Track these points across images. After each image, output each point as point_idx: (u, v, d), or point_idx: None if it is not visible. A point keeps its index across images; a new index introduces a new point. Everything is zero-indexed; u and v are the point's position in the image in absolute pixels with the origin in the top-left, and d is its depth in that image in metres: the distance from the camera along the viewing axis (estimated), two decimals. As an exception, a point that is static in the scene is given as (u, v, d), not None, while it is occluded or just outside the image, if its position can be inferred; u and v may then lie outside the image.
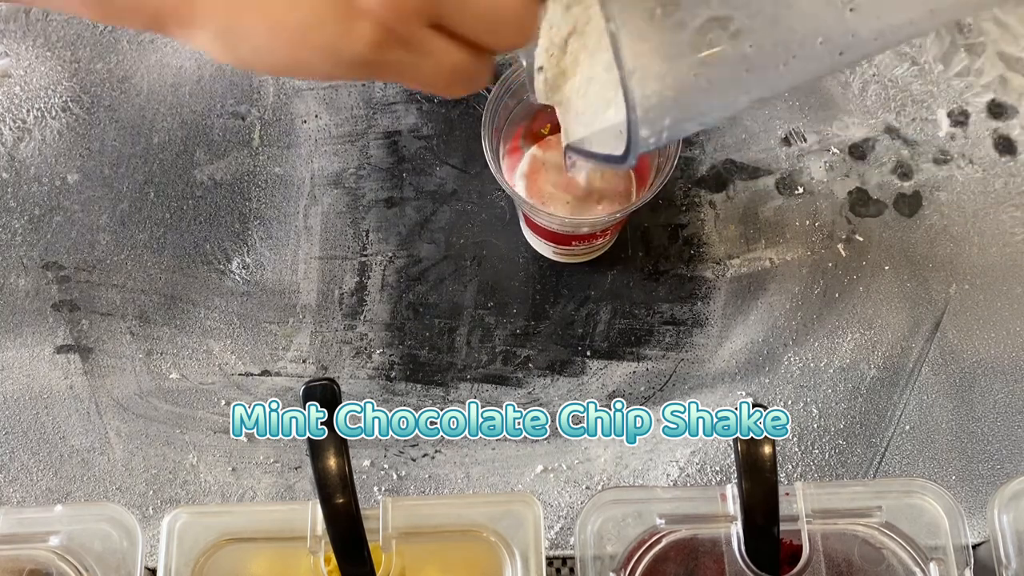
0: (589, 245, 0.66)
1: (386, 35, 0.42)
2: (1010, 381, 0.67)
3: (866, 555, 0.52)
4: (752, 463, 0.48)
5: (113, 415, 0.67)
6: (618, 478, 0.65)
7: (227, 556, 0.51)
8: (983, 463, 0.65)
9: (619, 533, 0.51)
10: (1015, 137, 0.72)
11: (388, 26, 0.41)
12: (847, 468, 0.65)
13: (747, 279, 0.69)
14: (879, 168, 0.72)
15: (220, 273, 0.70)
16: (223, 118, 0.73)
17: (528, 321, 0.69)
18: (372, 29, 0.41)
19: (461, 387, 0.67)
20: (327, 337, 0.68)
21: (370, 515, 0.50)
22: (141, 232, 0.71)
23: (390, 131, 0.73)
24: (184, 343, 0.68)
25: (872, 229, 0.70)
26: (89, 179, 0.72)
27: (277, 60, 0.43)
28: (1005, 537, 0.50)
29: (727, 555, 0.50)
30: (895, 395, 0.67)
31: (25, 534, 0.51)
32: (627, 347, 0.68)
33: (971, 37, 0.74)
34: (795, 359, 0.68)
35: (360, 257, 0.70)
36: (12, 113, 0.73)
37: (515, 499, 0.51)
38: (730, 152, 0.72)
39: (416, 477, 0.65)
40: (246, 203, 0.71)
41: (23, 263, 0.70)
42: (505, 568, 0.51)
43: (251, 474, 0.65)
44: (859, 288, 0.69)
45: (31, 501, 0.65)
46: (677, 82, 0.45)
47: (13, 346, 0.68)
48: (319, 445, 0.47)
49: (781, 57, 0.45)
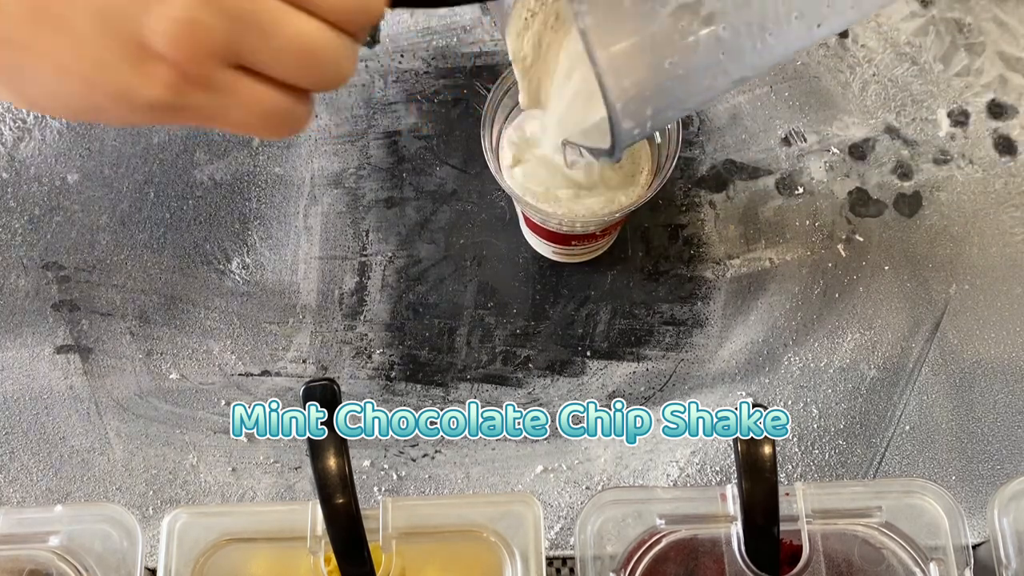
0: (589, 245, 0.66)
1: (181, 78, 0.40)
2: (1010, 381, 0.67)
3: (866, 555, 0.52)
4: (752, 463, 0.48)
5: (113, 415, 0.67)
6: (618, 478, 0.65)
7: (227, 556, 0.51)
8: (983, 463, 0.65)
9: (619, 533, 0.51)
10: (1015, 137, 0.72)
11: (182, 69, 0.40)
12: (847, 468, 0.65)
13: (747, 279, 0.69)
14: (879, 168, 0.72)
15: (220, 273, 0.70)
16: (223, 118, 0.73)
17: (528, 321, 0.69)
18: (166, 72, 0.40)
19: (461, 387, 0.67)
20: (327, 337, 0.68)
21: (370, 515, 0.50)
22: (141, 232, 0.71)
23: (390, 131, 0.73)
24: (184, 343, 0.68)
25: (872, 229, 0.70)
26: (89, 179, 0.72)
27: (70, 105, 0.42)
28: (1005, 537, 0.50)
29: (727, 555, 0.50)
30: (895, 395, 0.67)
31: (25, 534, 0.51)
32: (627, 347, 0.68)
33: (971, 37, 0.74)
34: (795, 359, 0.68)
35: (360, 257, 0.70)
36: (12, 113, 0.73)
37: (515, 499, 0.51)
38: (730, 152, 0.72)
39: (416, 477, 0.65)
40: (246, 203, 0.71)
41: (23, 263, 0.70)
42: (505, 568, 0.51)
43: (251, 474, 0.65)
44: (859, 288, 0.69)
45: (31, 501, 0.65)
46: (653, 72, 0.45)
47: (13, 346, 0.68)
48: (319, 445, 0.47)
49: (757, 36, 0.45)
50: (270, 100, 0.42)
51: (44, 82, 0.41)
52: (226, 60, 0.40)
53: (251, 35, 0.40)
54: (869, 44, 0.74)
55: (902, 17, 0.75)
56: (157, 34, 0.39)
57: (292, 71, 0.41)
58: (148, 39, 0.39)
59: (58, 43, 0.39)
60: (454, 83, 0.74)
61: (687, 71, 0.45)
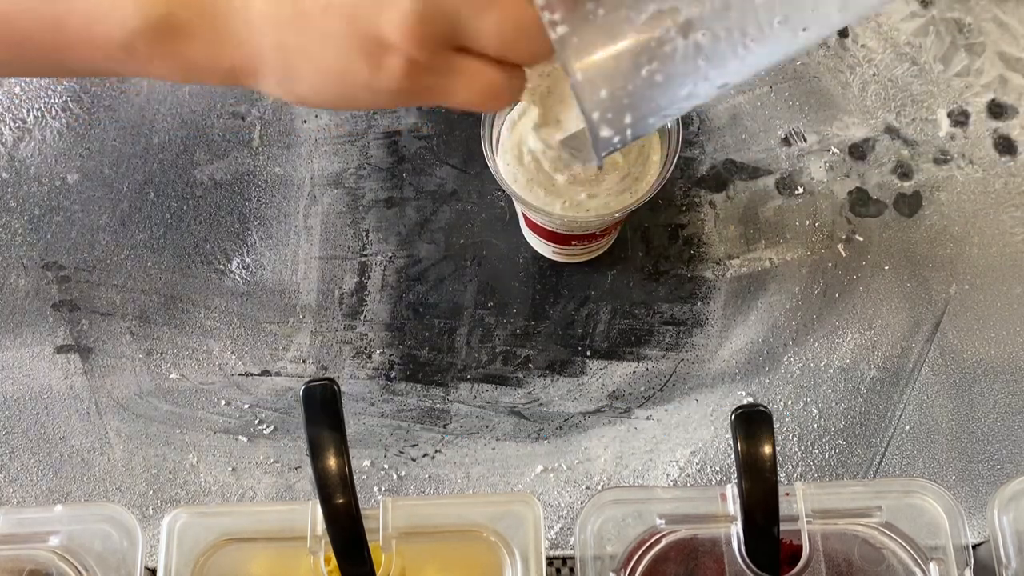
0: (589, 245, 0.66)
1: (413, 65, 0.46)
2: (1010, 381, 0.67)
3: (866, 555, 0.52)
4: (752, 463, 0.48)
5: (113, 415, 0.67)
6: (618, 478, 0.65)
7: (227, 556, 0.51)
8: (983, 463, 0.65)
9: (619, 533, 0.51)
10: (1015, 137, 0.72)
11: (413, 57, 0.45)
12: (847, 468, 0.65)
13: (747, 279, 0.69)
14: (879, 168, 0.72)
15: (220, 273, 0.70)
16: (223, 118, 0.73)
17: (528, 321, 0.69)
18: (400, 62, 0.46)
19: (461, 387, 0.67)
20: (327, 337, 0.68)
21: (370, 515, 0.50)
22: (141, 232, 0.71)
23: (390, 131, 0.73)
24: (184, 343, 0.68)
25: (872, 229, 0.70)
26: (89, 179, 0.72)
27: (329, 97, 0.49)
28: (1005, 537, 0.50)
29: (727, 555, 0.50)
30: (895, 395, 0.67)
31: (25, 534, 0.51)
32: (627, 347, 0.68)
33: (971, 37, 0.74)
34: (795, 359, 0.68)
35: (360, 257, 0.70)
36: (12, 113, 0.73)
37: (515, 499, 0.51)
38: (730, 152, 0.72)
39: (416, 477, 0.65)
40: (246, 203, 0.71)
41: (23, 263, 0.70)
42: (505, 568, 0.51)
43: (251, 474, 0.65)
44: (859, 288, 0.69)
45: (31, 501, 0.65)
46: (631, 81, 0.45)
47: (13, 346, 0.68)
48: (319, 445, 0.47)
49: (738, 42, 0.44)
50: (490, 76, 0.47)
51: (310, 80, 0.48)
52: (450, 44, 0.46)
53: (469, 20, 0.45)
54: (869, 44, 0.74)
55: (902, 17, 0.75)
56: (391, 28, 0.44)
57: (505, 48, 0.46)
58: (384, 34, 0.45)
59: (320, 46, 0.46)
60: (454, 83, 0.74)
61: (666, 78, 0.45)
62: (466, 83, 0.47)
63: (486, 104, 0.48)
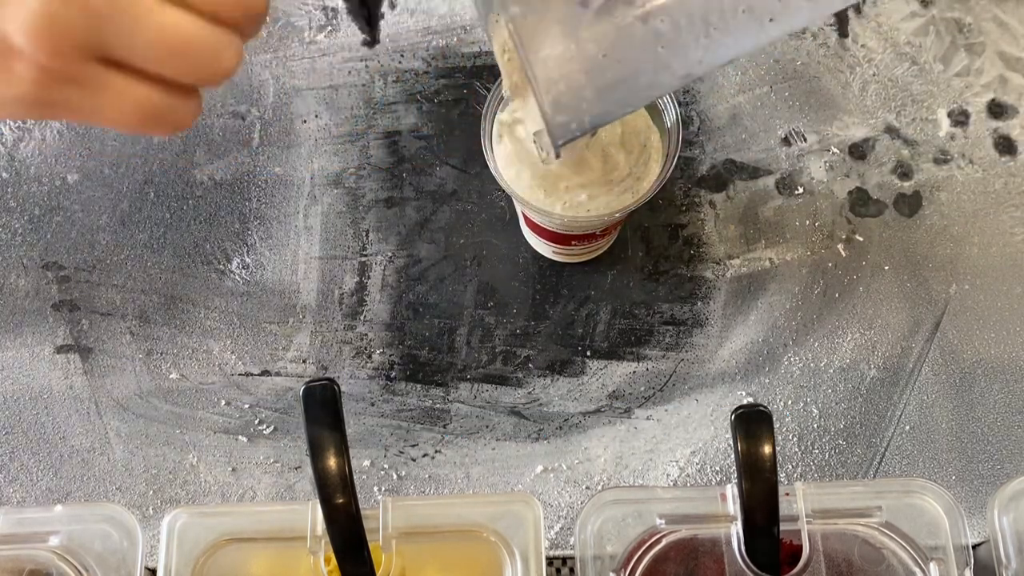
0: (589, 245, 0.66)
1: (46, 74, 0.40)
2: (1010, 381, 0.67)
3: (866, 555, 0.52)
4: (752, 463, 0.48)
5: (113, 415, 0.67)
6: (618, 478, 0.65)
7: (227, 556, 0.51)
8: (983, 463, 0.65)
9: (619, 533, 0.51)
10: (1015, 137, 0.72)
11: (45, 64, 0.40)
12: (847, 468, 0.65)
13: (747, 279, 0.69)
14: (879, 168, 0.72)
15: (220, 273, 0.70)
16: (223, 118, 0.73)
17: (528, 321, 0.69)
18: (29, 69, 0.40)
19: (461, 387, 0.67)
20: (327, 337, 0.68)
21: (370, 515, 0.50)
22: (141, 232, 0.71)
23: (390, 131, 0.73)
24: (184, 343, 0.68)
25: (872, 229, 0.70)
26: (89, 179, 0.72)
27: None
28: (1005, 537, 0.50)
29: (727, 555, 0.50)
30: (895, 395, 0.67)
31: (25, 534, 0.51)
32: (627, 347, 0.68)
33: (971, 37, 0.74)
34: (795, 359, 0.68)
35: (360, 257, 0.70)
36: (12, 113, 0.73)
37: (515, 499, 0.51)
38: (730, 152, 0.72)
39: (416, 477, 0.65)
40: (246, 203, 0.71)
41: (23, 263, 0.70)
42: (505, 568, 0.51)
43: (251, 474, 0.65)
44: (859, 288, 0.69)
45: (31, 501, 0.65)
46: (586, 64, 0.43)
47: (13, 346, 0.68)
48: (319, 445, 0.47)
49: (700, 30, 0.43)
50: (145, 96, 0.41)
51: None
52: (92, 54, 0.40)
53: (116, 28, 0.39)
54: (869, 44, 0.74)
55: (902, 17, 0.75)
56: (15, 28, 0.39)
57: (164, 65, 0.41)
58: (8, 34, 0.39)
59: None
60: (454, 83, 0.74)
61: (623, 64, 0.43)
62: (114, 101, 0.41)
63: (145, 127, 0.42)
